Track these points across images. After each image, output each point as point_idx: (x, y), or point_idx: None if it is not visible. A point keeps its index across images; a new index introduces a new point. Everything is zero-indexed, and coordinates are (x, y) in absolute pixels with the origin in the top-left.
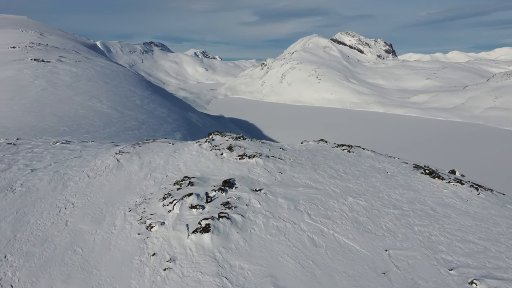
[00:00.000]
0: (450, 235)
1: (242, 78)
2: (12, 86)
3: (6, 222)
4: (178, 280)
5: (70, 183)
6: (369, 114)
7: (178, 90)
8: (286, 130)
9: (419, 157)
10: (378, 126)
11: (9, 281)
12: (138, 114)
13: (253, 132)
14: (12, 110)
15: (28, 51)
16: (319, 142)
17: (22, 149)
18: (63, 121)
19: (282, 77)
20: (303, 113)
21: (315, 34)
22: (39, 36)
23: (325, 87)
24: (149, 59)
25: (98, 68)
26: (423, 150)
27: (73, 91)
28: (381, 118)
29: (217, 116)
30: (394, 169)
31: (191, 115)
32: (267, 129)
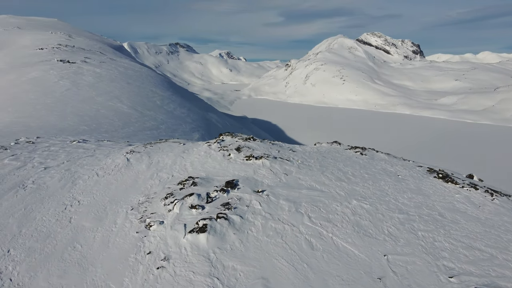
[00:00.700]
0: (455, 241)
1: (266, 79)
2: (38, 87)
3: (14, 217)
4: (169, 279)
5: (79, 181)
6: (394, 116)
7: (203, 90)
8: (309, 131)
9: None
10: (404, 128)
11: (9, 275)
12: (157, 114)
13: (275, 133)
14: (36, 109)
15: (55, 52)
16: (332, 144)
17: (40, 148)
18: (83, 120)
19: (306, 78)
20: (326, 115)
21: (340, 34)
22: (67, 38)
23: (349, 88)
24: (175, 60)
25: (121, 69)
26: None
27: (95, 91)
28: (407, 120)
29: (240, 117)
30: (406, 173)
31: (211, 116)
32: (290, 130)
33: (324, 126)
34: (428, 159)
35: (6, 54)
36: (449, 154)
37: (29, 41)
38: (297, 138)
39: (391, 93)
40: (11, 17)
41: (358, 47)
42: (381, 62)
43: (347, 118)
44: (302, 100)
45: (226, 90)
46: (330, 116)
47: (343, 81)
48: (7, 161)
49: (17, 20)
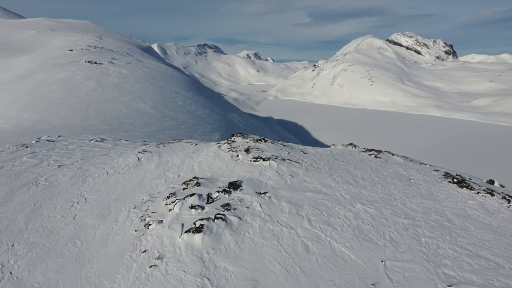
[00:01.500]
0: (460, 248)
1: (293, 80)
2: (65, 87)
3: (22, 213)
4: (160, 278)
5: (89, 179)
6: (424, 118)
7: (229, 91)
8: (335, 132)
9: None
10: (433, 131)
11: (9, 268)
12: (178, 114)
13: (300, 134)
14: (61, 109)
15: (84, 53)
16: (348, 146)
17: (58, 146)
18: (105, 120)
19: (333, 79)
20: (353, 116)
21: (370, 35)
22: (97, 40)
23: (378, 89)
24: (203, 60)
25: (146, 70)
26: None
27: (119, 92)
28: (437, 122)
29: (265, 118)
30: (419, 177)
31: (233, 116)
32: (315, 131)
33: (351, 128)
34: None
35: (38, 55)
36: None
37: (61, 43)
38: (323, 140)
39: (421, 94)
40: (46, 20)
41: (388, 47)
42: (412, 63)
43: (375, 119)
44: (329, 101)
45: (253, 90)
46: (357, 118)
47: (372, 82)
48: (26, 158)
49: (52, 22)
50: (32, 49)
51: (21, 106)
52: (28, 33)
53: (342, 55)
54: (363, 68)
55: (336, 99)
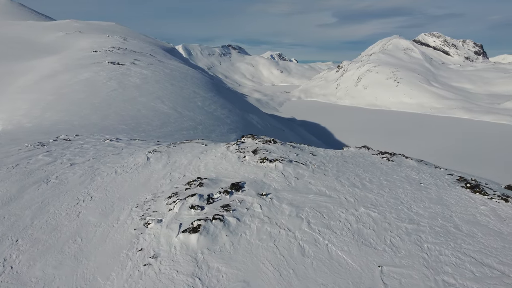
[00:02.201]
0: (464, 256)
1: (316, 81)
2: (87, 87)
3: (30, 210)
4: (153, 276)
5: (97, 178)
6: (451, 120)
7: (252, 92)
8: (359, 134)
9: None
10: (460, 133)
11: (11, 262)
12: (196, 114)
13: (323, 136)
14: (82, 108)
15: (108, 54)
16: (361, 148)
17: (74, 145)
18: (124, 120)
19: (358, 80)
20: (378, 118)
21: (396, 35)
22: (122, 41)
23: (403, 90)
24: (227, 61)
25: (167, 71)
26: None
27: (139, 92)
28: (465, 125)
29: (288, 119)
30: (430, 181)
31: (252, 117)
32: (338, 133)
33: (375, 130)
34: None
35: (64, 56)
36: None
37: (87, 44)
38: (346, 141)
39: (448, 96)
40: (74, 22)
41: (415, 48)
42: (439, 63)
43: (400, 121)
44: (353, 102)
45: (276, 91)
46: (381, 119)
47: (397, 83)
48: (41, 156)
49: (79, 24)
50: (59, 51)
51: (44, 105)
52: (56, 35)
53: (367, 55)
54: (389, 69)
55: (360, 101)
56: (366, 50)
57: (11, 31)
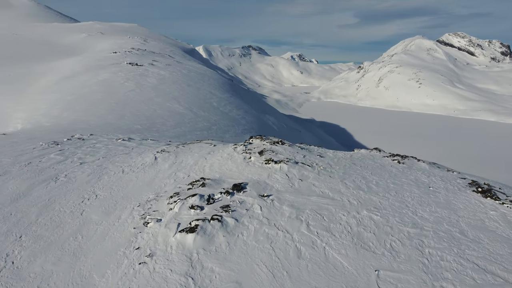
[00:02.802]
0: (467, 262)
1: (336, 82)
2: (105, 87)
3: (36, 207)
4: (147, 275)
5: (104, 177)
6: (476, 122)
7: (272, 92)
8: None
9: None
10: (485, 136)
11: (13, 258)
12: (211, 115)
13: (342, 137)
14: (98, 108)
15: (127, 55)
16: (372, 150)
17: (86, 144)
18: (139, 120)
19: (379, 81)
20: (398, 119)
21: (419, 35)
22: (142, 42)
23: (426, 91)
24: (247, 62)
25: (185, 71)
26: None
27: (155, 93)
28: (491, 128)
29: (307, 119)
30: (440, 184)
31: (268, 118)
32: (358, 134)
33: (395, 132)
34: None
35: (84, 57)
36: None
37: (108, 45)
38: (366, 143)
39: (473, 97)
40: (97, 23)
41: (438, 48)
42: (464, 64)
43: (422, 123)
44: (373, 103)
45: (295, 92)
46: (403, 121)
47: (419, 84)
48: (53, 155)
49: (102, 26)
50: (80, 52)
51: (63, 105)
52: (79, 36)
53: (388, 56)
54: (411, 70)
55: (381, 102)
56: (388, 51)
57: (35, 33)
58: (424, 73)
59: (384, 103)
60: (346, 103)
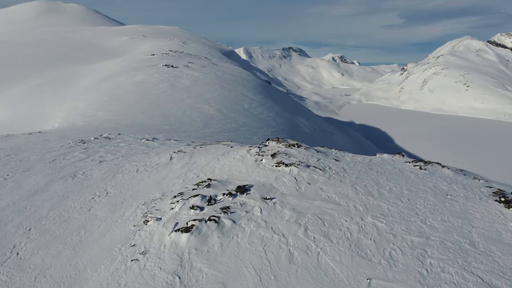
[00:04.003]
0: (470, 275)
1: (378, 84)
2: (139, 88)
3: (50, 202)
4: (136, 271)
5: (118, 175)
6: None
7: (311, 94)
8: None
9: None
10: None
11: (18, 249)
12: (241, 116)
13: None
14: (131, 109)
15: (164, 57)
16: (394, 155)
17: (111, 143)
18: (168, 120)
19: (423, 83)
20: (443, 123)
21: (468, 36)
22: (181, 44)
23: (474, 95)
24: (287, 64)
25: (219, 73)
26: None
27: (187, 94)
28: None
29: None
30: (460, 193)
31: (300, 120)
32: (399, 138)
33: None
34: None
35: (124, 59)
36: None
37: (148, 48)
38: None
39: None
40: (140, 26)
41: (488, 49)
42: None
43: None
44: (417, 106)
45: (335, 94)
46: (448, 125)
47: (467, 87)
48: (77, 153)
49: (144, 28)
50: (121, 54)
51: (98, 105)
52: (121, 39)
53: (434, 58)
54: (458, 72)
55: (425, 105)
56: (433, 52)
57: (82, 36)
58: (472, 75)
59: (428, 106)
60: (387, 106)
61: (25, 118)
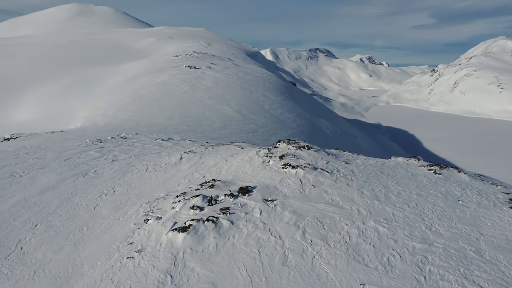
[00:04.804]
0: (471, 284)
1: (407, 85)
2: (161, 89)
3: (59, 199)
4: (130, 268)
5: (128, 174)
6: None
7: (338, 96)
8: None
9: None
10: None
11: (23, 244)
12: (260, 118)
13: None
14: (151, 109)
15: (187, 59)
16: (410, 159)
17: (127, 143)
18: (186, 121)
19: (454, 85)
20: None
21: (503, 36)
22: (205, 46)
23: (508, 97)
24: (313, 65)
25: (241, 74)
26: None
27: (208, 95)
28: None
29: (372, 124)
30: (473, 198)
31: (321, 122)
32: (428, 142)
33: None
34: None
35: (149, 60)
36: None
37: (173, 49)
38: (436, 151)
39: None
40: (167, 28)
41: None
42: None
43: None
44: (447, 109)
45: (363, 96)
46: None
47: (501, 89)
48: (92, 152)
49: (171, 30)
50: (147, 55)
51: (120, 105)
52: (148, 40)
53: (466, 59)
54: (491, 74)
55: (456, 107)
56: (466, 53)
57: (110, 38)
58: (507, 77)
59: (459, 108)
60: (416, 108)
61: (52, 117)
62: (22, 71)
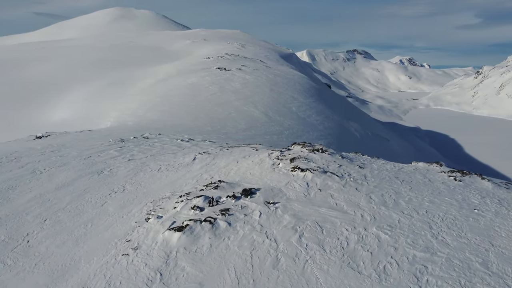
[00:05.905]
0: None
1: (449, 88)
2: (190, 90)
3: (71, 196)
4: (123, 265)
5: (140, 173)
6: None
7: (375, 98)
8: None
9: None
10: None
11: (31, 237)
12: (286, 120)
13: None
14: (178, 110)
15: (218, 61)
16: (431, 164)
17: (147, 143)
18: (211, 122)
19: (500, 88)
20: None
21: None
22: (239, 48)
23: None
24: (351, 66)
25: (271, 76)
26: None
27: (235, 96)
28: None
29: (410, 128)
30: (492, 207)
31: (351, 124)
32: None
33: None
34: None
35: (181, 62)
36: None
37: (206, 51)
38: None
39: None
40: (202, 30)
41: None
42: None
43: None
44: (491, 112)
45: (401, 98)
46: None
47: None
48: (112, 151)
49: (206, 32)
50: (181, 57)
51: (149, 106)
52: (184, 43)
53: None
54: None
55: (502, 111)
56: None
57: (148, 40)
58: None
59: (505, 112)
60: (459, 111)
61: (86, 117)
62: (64, 73)
